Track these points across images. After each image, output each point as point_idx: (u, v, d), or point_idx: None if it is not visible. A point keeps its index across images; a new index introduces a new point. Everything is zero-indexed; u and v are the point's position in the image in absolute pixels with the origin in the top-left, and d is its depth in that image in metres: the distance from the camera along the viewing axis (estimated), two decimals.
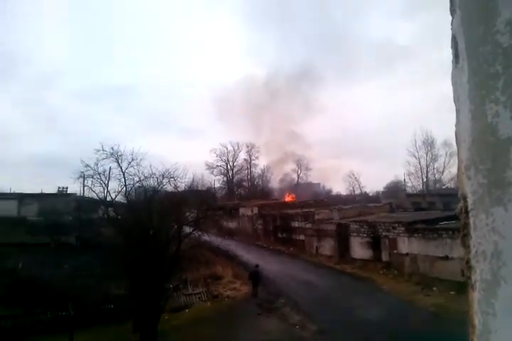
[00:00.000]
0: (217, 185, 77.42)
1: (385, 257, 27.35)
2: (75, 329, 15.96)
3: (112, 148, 21.90)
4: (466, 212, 1.01)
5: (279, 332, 17.04)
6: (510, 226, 0.88)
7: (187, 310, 21.46)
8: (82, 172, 22.05)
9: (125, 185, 21.59)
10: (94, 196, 22.93)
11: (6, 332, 18.09)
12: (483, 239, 0.94)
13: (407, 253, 25.38)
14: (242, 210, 51.23)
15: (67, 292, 20.39)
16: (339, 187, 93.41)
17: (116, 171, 22.06)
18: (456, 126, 1.08)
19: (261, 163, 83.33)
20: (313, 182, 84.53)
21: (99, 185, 21.86)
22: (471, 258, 0.99)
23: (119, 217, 22.20)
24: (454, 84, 1.10)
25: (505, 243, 0.89)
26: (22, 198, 37.71)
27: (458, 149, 1.06)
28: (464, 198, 1.02)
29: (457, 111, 1.07)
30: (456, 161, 1.10)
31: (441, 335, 15.32)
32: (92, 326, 18.52)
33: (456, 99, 1.08)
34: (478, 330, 0.96)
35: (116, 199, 22.19)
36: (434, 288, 21.36)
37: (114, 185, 22.47)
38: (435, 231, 24.04)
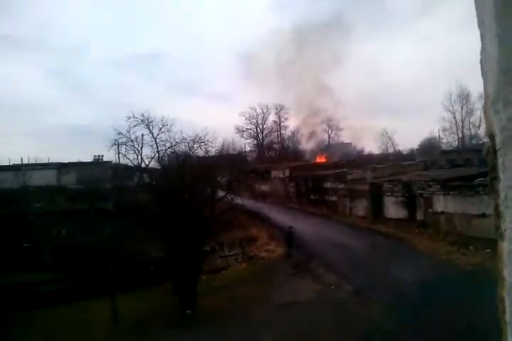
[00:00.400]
0: (247, 148, 77.44)
1: (419, 216, 27.04)
2: (117, 292, 16.72)
3: (143, 115, 22.09)
4: (494, 152, 0.89)
5: (314, 293, 17.35)
6: None
7: (224, 272, 22.13)
8: (116, 140, 22.37)
9: (157, 151, 21.90)
10: (129, 163, 23.40)
11: (51, 296, 19.18)
12: None
13: (443, 212, 24.97)
14: (273, 173, 51.33)
15: (108, 256, 21.31)
16: (372, 147, 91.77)
17: (148, 138, 22.34)
18: (481, 54, 0.96)
19: (291, 124, 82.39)
20: (345, 142, 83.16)
21: (132, 152, 22.23)
22: (500, 203, 0.88)
23: (153, 182, 22.68)
24: (478, 4, 0.95)
25: None
26: (61, 167, 38.93)
27: (484, 81, 0.93)
28: (492, 136, 0.90)
29: (482, 36, 0.94)
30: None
31: (478, 295, 15.22)
32: (133, 289, 19.40)
33: (481, 23, 0.94)
34: (508, 283, 0.90)
35: (149, 165, 22.59)
36: (471, 247, 21.06)
37: (147, 152, 22.82)
38: (471, 188, 23.40)
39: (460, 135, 72.81)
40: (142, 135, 22.66)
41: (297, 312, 15.35)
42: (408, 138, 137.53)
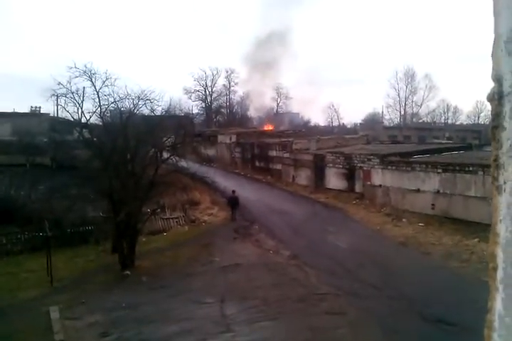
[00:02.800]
0: (195, 111, 75.85)
1: (358, 188, 28.08)
2: (54, 249, 16.22)
3: (86, 66, 20.72)
4: (500, 98, 0.84)
5: (254, 256, 17.77)
6: None
7: (165, 234, 22.03)
8: (55, 90, 20.86)
9: (99, 106, 20.76)
10: (69, 116, 22.09)
11: None
12: None
13: (380, 185, 26.06)
14: (220, 138, 50.85)
15: (44, 212, 20.50)
16: (318, 118, 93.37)
17: (90, 91, 21.06)
18: None
19: (240, 89, 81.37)
20: (293, 111, 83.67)
21: (72, 104, 20.94)
22: (503, 153, 0.85)
23: (94, 139, 21.68)
24: None
25: None
26: None
27: (495, 20, 0.86)
28: (499, 80, 0.84)
29: None
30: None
31: (406, 264, 16.28)
32: (70, 246, 18.90)
33: None
34: (504, 239, 0.86)
35: (91, 120, 21.51)
36: (404, 220, 22.30)
37: (88, 106, 21.61)
38: (409, 164, 24.52)
39: (402, 112, 75.59)
40: (84, 88, 21.39)
41: (237, 274, 15.70)
42: (353, 113, 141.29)
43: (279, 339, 10.83)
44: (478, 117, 71.97)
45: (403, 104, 74.39)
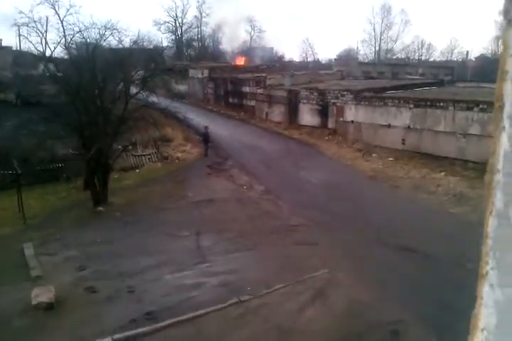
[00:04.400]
0: (165, 43, 72.19)
1: (331, 124, 28.17)
2: (24, 187, 15.93)
3: None
4: None
5: (228, 191, 17.96)
6: None
7: (137, 170, 21.85)
8: (16, 19, 19.32)
9: (64, 36, 19.54)
10: (32, 49, 20.74)
11: None
12: None
13: (353, 121, 26.18)
14: (191, 72, 49.04)
15: (11, 150, 19.86)
16: (292, 54, 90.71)
17: (53, 20, 19.70)
18: None
19: (212, 21, 77.41)
20: (267, 46, 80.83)
21: (35, 35, 19.57)
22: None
23: (60, 73, 20.58)
24: None
25: None
26: None
27: None
28: None
29: None
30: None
31: (376, 196, 16.84)
32: (41, 184, 18.61)
33: None
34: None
35: (56, 53, 20.28)
36: (374, 155, 22.72)
37: (52, 36, 20.34)
38: (381, 99, 24.56)
39: (377, 48, 74.29)
40: (47, 17, 19.88)
41: (211, 209, 15.95)
42: (327, 48, 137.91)
43: (253, 269, 11.26)
44: (452, 54, 71.63)
45: (378, 39, 72.99)
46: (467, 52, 61.05)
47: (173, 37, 75.26)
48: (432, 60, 72.43)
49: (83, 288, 10.48)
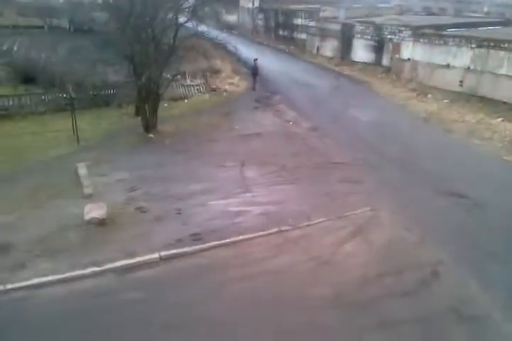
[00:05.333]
0: None
1: (385, 62, 26.92)
2: (77, 111, 16.40)
3: None
4: None
5: (274, 126, 17.88)
6: None
7: (186, 100, 21.94)
8: None
9: None
10: None
11: (10, 110, 18.63)
12: None
13: (409, 59, 24.84)
14: (242, 2, 47.06)
15: (65, 75, 20.27)
16: None
17: None
18: None
19: None
20: None
21: None
22: None
23: (111, 1, 20.24)
24: None
25: None
26: None
27: None
28: None
29: None
30: None
31: (427, 139, 16.33)
32: (93, 108, 19.12)
33: None
34: None
35: None
36: (429, 96, 21.70)
37: None
38: (442, 37, 22.98)
39: None
40: None
41: (257, 142, 16.05)
42: None
43: (295, 201, 11.49)
44: None
45: None
46: None
47: None
48: None
49: (134, 207, 11.12)
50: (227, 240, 9.62)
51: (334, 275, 8.51)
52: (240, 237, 9.75)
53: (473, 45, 20.94)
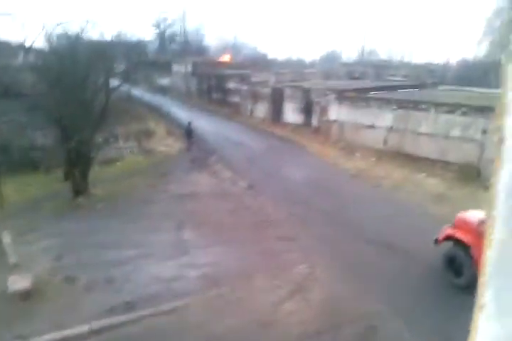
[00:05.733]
0: (148, 38, 71.42)
1: (314, 123, 28.38)
2: (2, 176, 15.61)
3: None
4: None
5: (210, 186, 17.93)
6: None
7: (118, 163, 21.62)
8: None
9: (45, 28, 19.16)
10: (12, 39, 20.36)
11: None
12: None
13: (336, 120, 26.40)
14: (175, 66, 48.78)
15: None
16: (277, 52, 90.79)
17: (35, 11, 19.32)
18: None
19: (197, 17, 76.96)
20: (251, 44, 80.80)
21: (16, 26, 19.22)
22: None
23: (41, 63, 20.23)
24: None
25: None
26: None
27: None
28: None
29: None
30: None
31: (356, 194, 17.05)
32: (19, 173, 18.25)
33: None
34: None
35: (36, 43, 19.90)
36: (357, 154, 22.96)
37: (33, 29, 19.90)
38: (364, 100, 24.83)
39: (360, 49, 74.97)
40: (28, 9, 19.53)
41: (193, 202, 15.91)
42: (312, 48, 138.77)
43: (233, 262, 11.30)
44: (434, 57, 72.79)
45: (362, 40, 73.67)
46: (449, 55, 62.05)
47: (157, 31, 74.47)
48: (414, 62, 73.38)
49: (61, 277, 10.40)
50: (163, 306, 9.14)
51: (275, 335, 8.31)
52: (177, 303, 9.32)
53: (394, 107, 22.78)
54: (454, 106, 20.06)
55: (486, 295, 0.91)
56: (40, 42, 20.34)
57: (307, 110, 28.84)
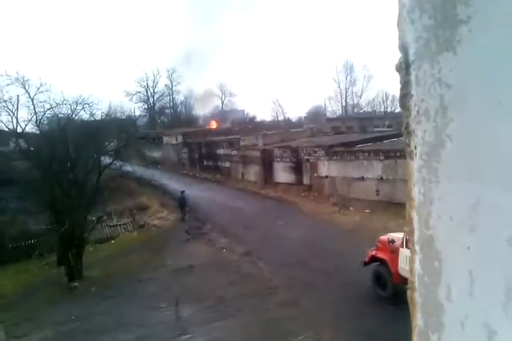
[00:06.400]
0: (137, 113, 73.98)
1: (306, 180, 28.59)
2: None
3: (17, 73, 19.84)
4: (407, 67, 0.87)
5: (207, 256, 17.63)
6: (459, 73, 0.75)
7: (113, 241, 21.38)
8: None
9: (35, 113, 19.90)
10: (2, 127, 21.04)
11: None
12: (427, 94, 0.82)
13: (327, 176, 26.66)
14: (165, 139, 50.06)
15: None
16: (263, 114, 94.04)
17: (24, 98, 20.15)
18: None
19: (184, 88, 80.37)
20: (238, 108, 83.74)
21: (6, 114, 19.94)
22: (411, 120, 0.88)
23: (32, 148, 20.74)
24: None
25: (452, 95, 0.76)
26: None
27: None
28: (405, 49, 0.88)
29: None
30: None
31: (354, 250, 16.75)
32: (13, 262, 17.99)
33: None
34: (417, 202, 0.90)
35: (27, 129, 20.56)
36: (351, 208, 22.93)
37: (23, 114, 20.68)
38: (352, 153, 25.28)
39: (343, 104, 77.69)
40: (17, 96, 20.40)
41: (191, 276, 15.55)
42: (297, 106, 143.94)
43: (235, 337, 10.82)
44: None
45: (344, 96, 76.56)
46: None
47: (146, 106, 77.34)
48: (397, 111, 75.64)
49: None
50: None
51: None
52: None
53: (381, 157, 23.14)
54: None
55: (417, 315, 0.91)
56: (31, 128, 20.98)
57: (297, 168, 29.20)
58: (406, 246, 11.04)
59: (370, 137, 32.92)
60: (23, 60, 75.97)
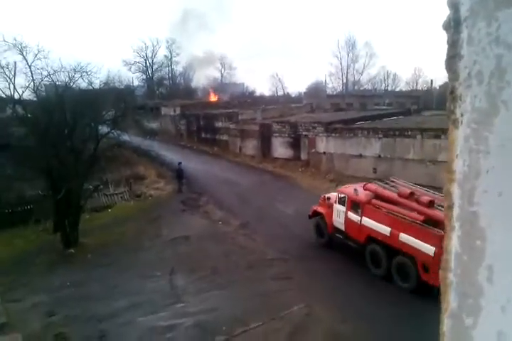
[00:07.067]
0: (136, 83, 72.85)
1: (303, 156, 28.56)
2: None
3: (15, 39, 19.34)
4: (457, 25, 0.79)
5: (203, 228, 17.74)
6: None
7: (109, 210, 21.46)
8: None
9: (33, 80, 19.54)
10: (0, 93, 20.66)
11: None
12: (481, 55, 0.74)
13: (324, 152, 26.61)
14: (163, 110, 49.53)
15: None
16: (263, 88, 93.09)
17: (21, 65, 19.73)
18: None
19: (183, 60, 78.92)
20: (237, 82, 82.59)
21: (3, 80, 19.55)
22: (460, 84, 0.80)
23: (29, 115, 20.48)
24: None
25: None
26: None
27: None
28: (455, 5, 0.79)
29: None
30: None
31: None
32: (9, 227, 18.04)
33: None
34: (461, 174, 0.82)
35: (24, 96, 20.22)
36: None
37: (20, 81, 20.28)
38: (351, 130, 25.16)
39: (344, 80, 76.71)
40: (15, 62, 19.97)
41: (186, 246, 15.70)
42: (297, 82, 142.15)
43: (228, 307, 11.01)
44: (417, 83, 74.57)
45: (345, 72, 75.51)
46: (431, 81, 63.20)
47: (144, 76, 76.14)
48: (397, 89, 74.99)
49: (52, 334, 10.06)
50: None
51: None
52: None
53: (380, 135, 23.07)
54: (440, 130, 20.24)
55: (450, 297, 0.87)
56: (28, 95, 20.66)
57: (296, 144, 29.09)
58: (339, 203, 14.02)
59: (370, 115, 32.72)
60: (21, 26, 74.05)
